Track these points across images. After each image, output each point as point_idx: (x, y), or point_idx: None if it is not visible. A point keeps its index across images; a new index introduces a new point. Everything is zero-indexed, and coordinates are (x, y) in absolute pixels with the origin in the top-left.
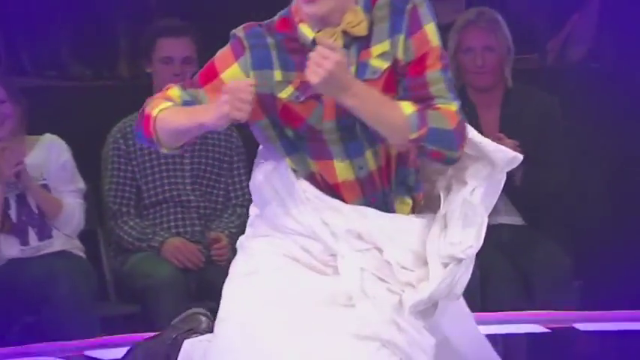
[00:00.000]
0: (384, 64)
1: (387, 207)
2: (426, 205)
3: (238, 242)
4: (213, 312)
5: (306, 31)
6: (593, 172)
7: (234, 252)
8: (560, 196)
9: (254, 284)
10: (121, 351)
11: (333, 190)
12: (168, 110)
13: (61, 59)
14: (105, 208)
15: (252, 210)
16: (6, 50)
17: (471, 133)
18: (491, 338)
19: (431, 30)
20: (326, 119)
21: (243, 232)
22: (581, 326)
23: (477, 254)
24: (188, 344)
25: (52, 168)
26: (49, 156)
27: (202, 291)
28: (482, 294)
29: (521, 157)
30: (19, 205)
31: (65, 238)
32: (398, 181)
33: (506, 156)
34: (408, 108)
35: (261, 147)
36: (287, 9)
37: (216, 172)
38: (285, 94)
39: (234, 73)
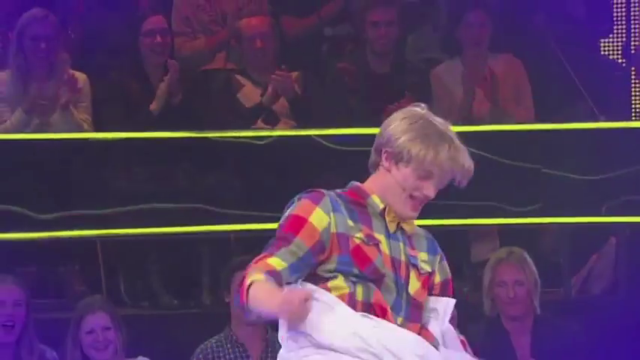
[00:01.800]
0: (427, 268)
1: None
2: None
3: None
4: None
5: (378, 202)
6: None
7: None
8: None
9: None
10: None
11: (381, 317)
12: (258, 284)
13: (153, 290)
14: None
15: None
16: (107, 284)
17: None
18: None
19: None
20: (387, 266)
21: None
22: None
23: None
24: None
25: None
26: None
27: None
28: None
29: (453, 300)
30: None
31: None
32: None
33: (443, 304)
34: None
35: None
36: (354, 186)
37: None
38: (359, 234)
39: (319, 215)
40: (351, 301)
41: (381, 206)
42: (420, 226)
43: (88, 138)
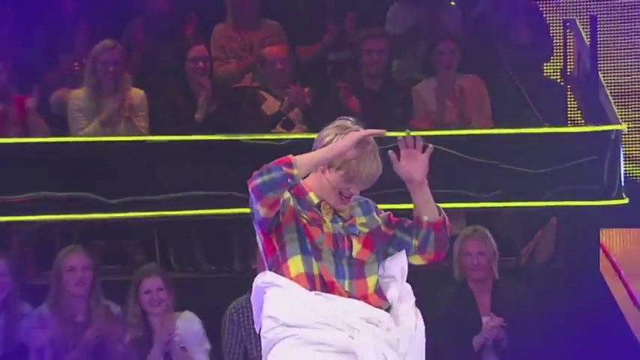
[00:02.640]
0: (365, 229)
1: None
2: None
3: (266, 338)
4: None
5: (314, 198)
6: (555, 333)
7: None
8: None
9: None
10: None
11: (331, 289)
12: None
13: (196, 258)
14: None
15: (267, 321)
16: (161, 254)
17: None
18: None
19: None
20: (325, 244)
21: None
22: None
23: None
24: None
25: (189, 335)
26: (186, 327)
27: None
28: None
29: (404, 259)
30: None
31: None
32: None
33: (399, 269)
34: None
35: (260, 283)
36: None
37: None
38: (305, 216)
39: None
40: (310, 277)
41: (316, 202)
42: (402, 209)
43: (145, 140)
